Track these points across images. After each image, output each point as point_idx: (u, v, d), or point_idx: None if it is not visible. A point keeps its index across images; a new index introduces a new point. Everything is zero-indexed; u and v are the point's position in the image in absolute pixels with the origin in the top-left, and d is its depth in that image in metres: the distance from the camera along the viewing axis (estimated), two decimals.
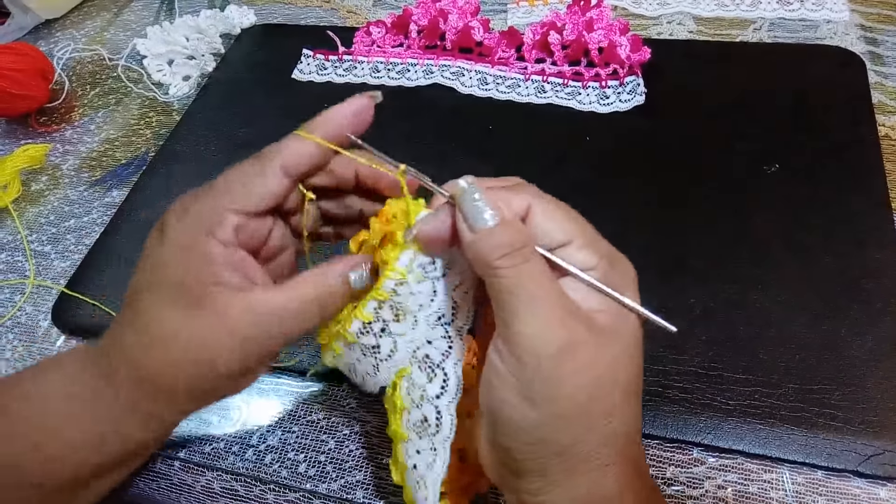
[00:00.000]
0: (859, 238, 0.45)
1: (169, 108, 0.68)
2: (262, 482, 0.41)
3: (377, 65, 0.65)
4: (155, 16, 0.80)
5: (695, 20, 0.64)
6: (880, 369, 0.39)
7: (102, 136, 0.67)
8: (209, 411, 0.45)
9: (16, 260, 0.58)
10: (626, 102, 0.56)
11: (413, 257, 0.29)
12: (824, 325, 0.41)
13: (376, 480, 0.40)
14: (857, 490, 0.36)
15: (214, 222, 0.28)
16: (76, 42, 0.78)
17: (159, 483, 0.42)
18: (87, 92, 0.72)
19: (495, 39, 0.62)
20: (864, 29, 0.60)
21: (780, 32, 0.61)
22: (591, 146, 0.54)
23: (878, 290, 0.42)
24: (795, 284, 0.43)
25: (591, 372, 0.25)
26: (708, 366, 0.41)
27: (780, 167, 0.49)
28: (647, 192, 0.50)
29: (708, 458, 0.39)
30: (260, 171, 0.29)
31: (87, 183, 0.63)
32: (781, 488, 0.37)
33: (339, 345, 0.31)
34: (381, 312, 0.30)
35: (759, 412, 0.39)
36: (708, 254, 0.46)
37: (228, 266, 0.28)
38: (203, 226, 0.28)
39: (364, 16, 0.73)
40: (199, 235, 0.28)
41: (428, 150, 0.56)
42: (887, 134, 0.51)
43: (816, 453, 0.37)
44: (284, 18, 0.75)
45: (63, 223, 0.60)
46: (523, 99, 0.59)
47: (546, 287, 0.25)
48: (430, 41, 0.65)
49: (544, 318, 0.25)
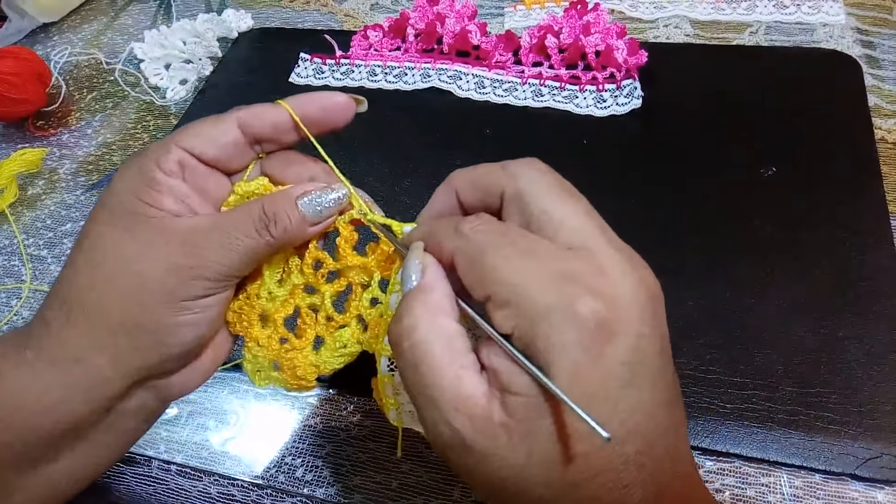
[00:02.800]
0: (856, 241, 0.45)
1: (166, 112, 0.68)
2: (259, 487, 0.41)
3: (374, 68, 0.65)
4: (152, 20, 0.80)
5: (691, 24, 0.64)
6: (878, 373, 0.39)
7: (99, 139, 0.67)
8: (206, 415, 0.45)
9: (12, 264, 0.57)
10: (623, 106, 0.56)
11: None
12: (822, 329, 0.41)
13: (374, 485, 0.40)
14: (855, 493, 0.36)
15: (161, 153, 0.29)
16: (73, 46, 0.78)
17: (156, 488, 0.42)
18: (84, 96, 0.72)
19: (492, 43, 0.62)
20: (860, 32, 0.60)
21: (777, 36, 0.61)
22: (588, 149, 0.54)
23: (876, 293, 0.42)
24: (792, 288, 0.43)
25: (493, 479, 0.22)
26: (705, 369, 0.41)
27: (776, 170, 0.50)
28: (643, 195, 0.50)
29: (705, 461, 0.39)
30: (216, 119, 0.30)
31: (83, 187, 0.63)
32: (779, 492, 0.37)
33: (388, 393, 0.30)
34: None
35: (757, 416, 0.39)
36: (705, 257, 0.46)
37: (170, 194, 0.28)
38: (151, 157, 0.29)
39: (361, 19, 0.73)
40: (146, 164, 0.28)
41: (425, 153, 0.56)
42: (883, 137, 0.52)
43: (814, 457, 0.37)
44: (282, 22, 0.75)
45: (60, 227, 0.60)
46: (520, 102, 0.59)
47: (436, 376, 0.23)
48: (427, 45, 0.65)
49: (438, 412, 0.23)
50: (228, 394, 0.46)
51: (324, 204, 0.29)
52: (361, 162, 0.54)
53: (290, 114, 0.29)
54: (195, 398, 0.46)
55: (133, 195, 0.28)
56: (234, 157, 0.30)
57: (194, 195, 0.29)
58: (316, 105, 0.30)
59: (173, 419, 0.45)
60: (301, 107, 0.30)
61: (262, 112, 0.30)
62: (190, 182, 0.29)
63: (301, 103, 0.30)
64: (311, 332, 0.32)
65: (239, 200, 0.30)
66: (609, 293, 0.21)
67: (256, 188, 0.30)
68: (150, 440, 0.44)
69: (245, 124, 0.30)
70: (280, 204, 0.28)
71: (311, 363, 0.31)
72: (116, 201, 0.28)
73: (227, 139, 0.30)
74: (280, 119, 0.30)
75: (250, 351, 0.31)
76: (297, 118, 0.30)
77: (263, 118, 0.30)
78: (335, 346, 0.32)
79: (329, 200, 0.29)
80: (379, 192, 0.51)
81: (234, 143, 0.30)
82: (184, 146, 0.29)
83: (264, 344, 0.31)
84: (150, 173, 0.28)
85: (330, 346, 0.32)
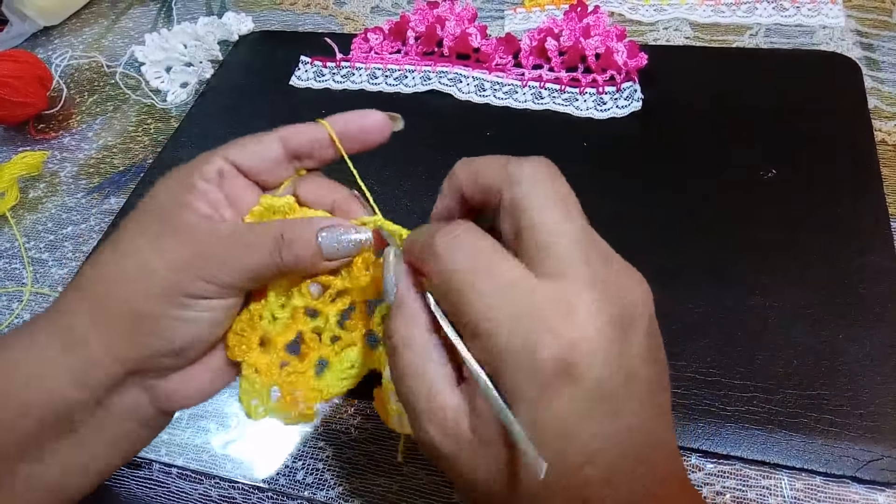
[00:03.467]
0: (857, 244, 0.45)
1: (167, 115, 0.68)
2: (259, 490, 0.41)
3: (375, 71, 0.65)
4: (153, 23, 0.81)
5: (691, 26, 0.64)
6: (878, 375, 0.39)
7: (100, 143, 0.67)
8: (206, 418, 0.45)
9: (13, 267, 0.58)
10: (623, 108, 0.56)
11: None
12: (822, 331, 0.41)
13: (374, 487, 0.40)
14: (856, 496, 0.36)
15: (202, 162, 0.30)
16: (74, 49, 0.79)
17: (157, 491, 0.42)
18: (85, 99, 0.72)
19: (492, 46, 0.63)
20: (860, 34, 0.60)
21: (777, 38, 0.61)
22: (588, 152, 0.54)
23: (876, 295, 0.42)
24: (793, 290, 0.43)
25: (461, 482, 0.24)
26: (706, 372, 0.41)
27: (777, 173, 0.50)
28: (644, 197, 0.50)
29: (706, 464, 0.39)
30: (260, 134, 0.31)
31: (84, 190, 0.63)
32: (780, 494, 0.37)
33: (392, 399, 0.30)
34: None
35: (758, 418, 0.39)
36: (705, 260, 0.46)
37: (204, 200, 0.29)
38: (194, 165, 0.30)
39: (362, 22, 0.73)
40: (189, 171, 0.29)
41: (426, 156, 0.56)
42: (884, 139, 0.52)
43: (815, 459, 0.37)
44: (282, 25, 0.76)
45: (61, 230, 0.60)
46: (520, 105, 0.59)
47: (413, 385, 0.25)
48: (427, 48, 0.65)
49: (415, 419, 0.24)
50: (229, 396, 0.46)
51: (343, 243, 0.29)
52: (361, 164, 0.53)
53: (328, 131, 0.30)
54: None
55: (168, 199, 0.29)
56: (272, 172, 0.31)
57: (227, 205, 0.30)
58: (354, 123, 0.31)
59: (174, 422, 0.45)
60: (340, 124, 0.31)
61: (303, 130, 0.31)
62: (226, 192, 0.30)
63: (340, 121, 0.31)
64: (315, 354, 0.31)
65: (263, 213, 0.30)
66: (572, 337, 0.21)
67: (281, 205, 0.30)
68: (151, 443, 0.44)
69: (286, 139, 0.30)
70: (300, 231, 0.28)
71: (313, 388, 0.31)
72: (151, 204, 0.29)
73: (268, 153, 0.30)
74: (318, 136, 0.30)
75: (247, 379, 0.30)
76: (335, 136, 0.30)
77: (304, 135, 0.30)
78: (341, 368, 0.31)
79: (350, 241, 0.29)
80: (379, 194, 0.50)
81: (274, 158, 0.30)
82: (225, 156, 0.30)
83: (263, 370, 0.30)
84: (190, 179, 0.29)
85: (336, 367, 0.31)
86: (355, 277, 0.30)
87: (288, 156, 0.31)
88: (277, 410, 0.31)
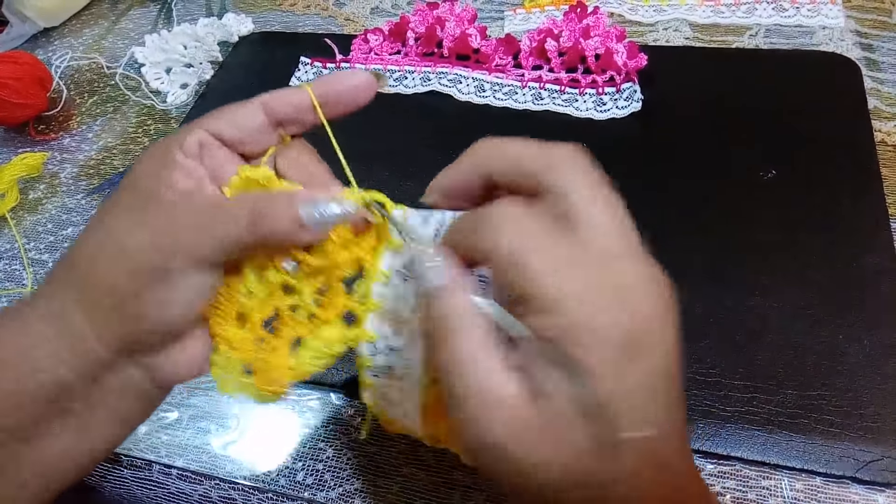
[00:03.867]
0: (856, 244, 0.45)
1: (167, 116, 0.68)
2: (259, 491, 0.41)
3: None
4: (153, 24, 0.81)
5: (691, 27, 0.64)
6: (878, 375, 0.39)
7: (100, 144, 0.67)
8: (206, 419, 0.45)
9: (13, 269, 0.58)
10: (622, 109, 0.56)
11: (393, 259, 0.29)
12: (822, 332, 0.41)
13: (374, 489, 0.40)
14: (856, 496, 0.36)
15: (183, 135, 0.29)
16: (74, 50, 0.79)
17: (157, 492, 0.42)
18: (86, 100, 0.72)
19: (492, 46, 0.63)
20: (860, 35, 0.60)
21: (776, 39, 0.61)
22: (588, 152, 0.54)
23: (876, 296, 0.42)
24: (793, 291, 0.43)
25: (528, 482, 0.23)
26: (706, 372, 0.41)
27: (776, 173, 0.50)
28: (643, 198, 0.50)
29: (706, 464, 0.39)
30: (241, 103, 0.30)
31: (84, 191, 0.63)
32: (780, 495, 0.37)
33: (367, 375, 0.30)
34: (380, 327, 0.29)
35: (758, 418, 0.39)
36: (705, 260, 0.46)
37: (185, 174, 0.29)
38: (174, 139, 0.29)
39: (361, 23, 0.73)
40: (169, 144, 0.29)
41: (425, 157, 0.56)
42: (883, 140, 0.52)
43: (815, 460, 0.37)
44: (282, 26, 0.76)
45: (61, 231, 0.60)
46: (520, 106, 0.59)
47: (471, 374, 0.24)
48: (427, 48, 0.65)
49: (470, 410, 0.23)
50: (229, 397, 0.46)
51: (326, 215, 0.28)
52: (361, 165, 0.54)
53: (310, 95, 0.30)
54: (196, 402, 0.46)
55: (149, 174, 0.29)
56: (255, 140, 0.30)
57: (210, 177, 0.30)
58: (338, 86, 0.30)
59: (174, 423, 0.45)
60: (325, 87, 0.30)
61: (284, 94, 0.30)
62: (207, 164, 0.30)
63: (323, 83, 0.30)
64: (290, 331, 0.31)
65: (241, 184, 0.30)
66: (642, 311, 0.23)
67: (259, 176, 0.30)
68: (151, 444, 0.44)
69: (268, 105, 0.30)
70: (277, 203, 0.28)
71: (286, 366, 0.30)
72: (133, 179, 0.29)
73: (250, 121, 0.30)
74: (301, 100, 0.30)
75: (220, 353, 0.30)
76: (316, 100, 0.30)
77: (285, 99, 0.30)
78: (316, 346, 0.30)
79: (332, 213, 0.28)
80: None
81: (257, 126, 0.30)
82: (206, 128, 0.30)
83: (237, 346, 0.30)
84: (170, 154, 0.29)
85: (310, 345, 0.30)
86: (331, 253, 0.29)
87: (271, 123, 0.30)
88: (248, 386, 0.30)
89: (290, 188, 0.30)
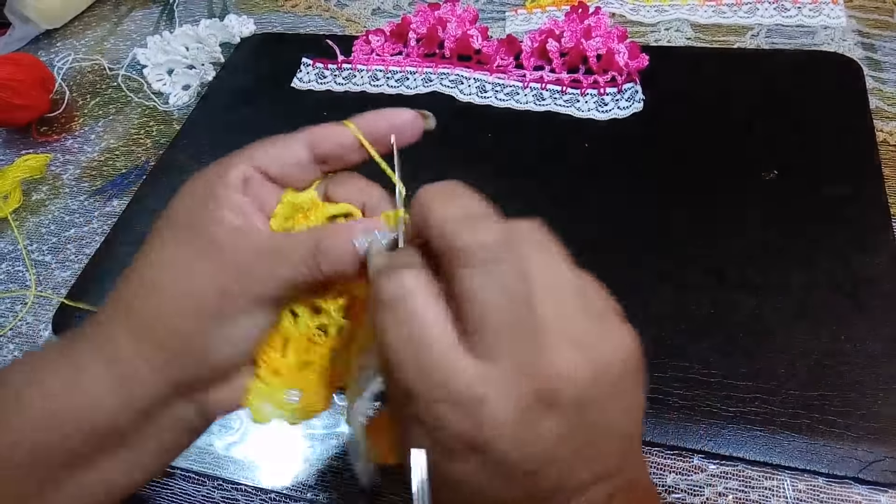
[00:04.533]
0: (858, 244, 0.45)
1: (169, 118, 0.68)
2: (262, 492, 0.41)
3: (376, 73, 0.65)
4: (155, 25, 0.81)
5: (692, 27, 0.64)
6: (881, 376, 0.39)
7: (103, 145, 0.67)
8: None
9: (16, 270, 0.58)
10: (624, 109, 0.56)
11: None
12: (823, 332, 0.41)
13: (377, 490, 0.40)
14: (859, 497, 0.36)
15: (224, 168, 0.29)
16: (76, 52, 0.79)
17: (160, 493, 0.42)
18: (88, 101, 0.72)
19: (494, 47, 0.63)
20: (862, 35, 0.60)
21: (778, 39, 0.61)
22: (589, 153, 0.54)
23: (878, 296, 0.42)
24: (795, 291, 0.43)
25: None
26: (708, 373, 0.41)
27: (778, 174, 0.50)
28: (645, 199, 0.50)
29: (708, 465, 0.39)
30: (285, 138, 0.30)
31: (87, 192, 0.63)
32: (782, 495, 0.37)
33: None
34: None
35: (760, 419, 0.39)
36: (707, 261, 0.46)
37: (232, 208, 0.28)
38: (215, 173, 0.29)
39: (363, 24, 0.74)
40: (211, 178, 0.29)
41: (427, 158, 0.56)
42: (885, 139, 0.52)
43: (817, 460, 0.37)
44: (284, 27, 0.76)
45: (63, 233, 0.60)
46: (522, 106, 0.59)
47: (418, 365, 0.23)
48: (428, 49, 0.65)
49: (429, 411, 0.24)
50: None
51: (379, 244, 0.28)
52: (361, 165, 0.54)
53: (356, 135, 0.30)
54: None
55: (194, 209, 0.28)
56: (298, 176, 0.30)
57: (255, 210, 0.29)
58: (383, 124, 0.30)
59: None
60: (368, 125, 0.30)
61: (330, 133, 0.30)
62: (252, 197, 0.29)
63: (368, 122, 0.30)
64: (325, 350, 0.31)
65: (286, 210, 0.30)
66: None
67: (304, 201, 0.30)
68: None
69: (313, 143, 0.30)
70: (337, 239, 0.28)
71: (327, 381, 0.31)
72: (178, 214, 0.29)
73: (293, 157, 0.30)
74: (346, 140, 0.30)
75: (263, 381, 0.30)
76: (363, 138, 0.30)
77: (332, 139, 0.30)
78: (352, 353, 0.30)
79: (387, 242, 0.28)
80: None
81: (300, 162, 0.30)
82: (251, 163, 0.29)
83: (284, 372, 0.30)
84: (213, 188, 0.28)
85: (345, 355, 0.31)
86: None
87: (315, 160, 0.30)
88: (290, 410, 0.31)
89: (335, 210, 0.30)
